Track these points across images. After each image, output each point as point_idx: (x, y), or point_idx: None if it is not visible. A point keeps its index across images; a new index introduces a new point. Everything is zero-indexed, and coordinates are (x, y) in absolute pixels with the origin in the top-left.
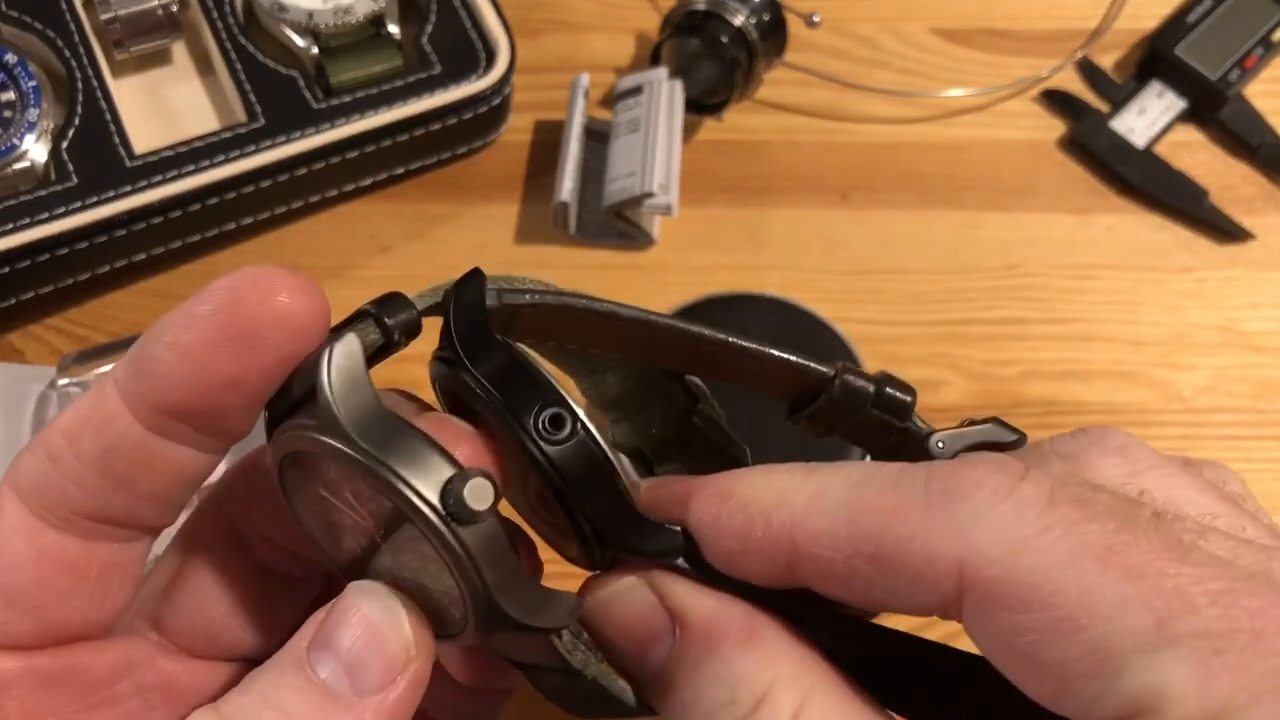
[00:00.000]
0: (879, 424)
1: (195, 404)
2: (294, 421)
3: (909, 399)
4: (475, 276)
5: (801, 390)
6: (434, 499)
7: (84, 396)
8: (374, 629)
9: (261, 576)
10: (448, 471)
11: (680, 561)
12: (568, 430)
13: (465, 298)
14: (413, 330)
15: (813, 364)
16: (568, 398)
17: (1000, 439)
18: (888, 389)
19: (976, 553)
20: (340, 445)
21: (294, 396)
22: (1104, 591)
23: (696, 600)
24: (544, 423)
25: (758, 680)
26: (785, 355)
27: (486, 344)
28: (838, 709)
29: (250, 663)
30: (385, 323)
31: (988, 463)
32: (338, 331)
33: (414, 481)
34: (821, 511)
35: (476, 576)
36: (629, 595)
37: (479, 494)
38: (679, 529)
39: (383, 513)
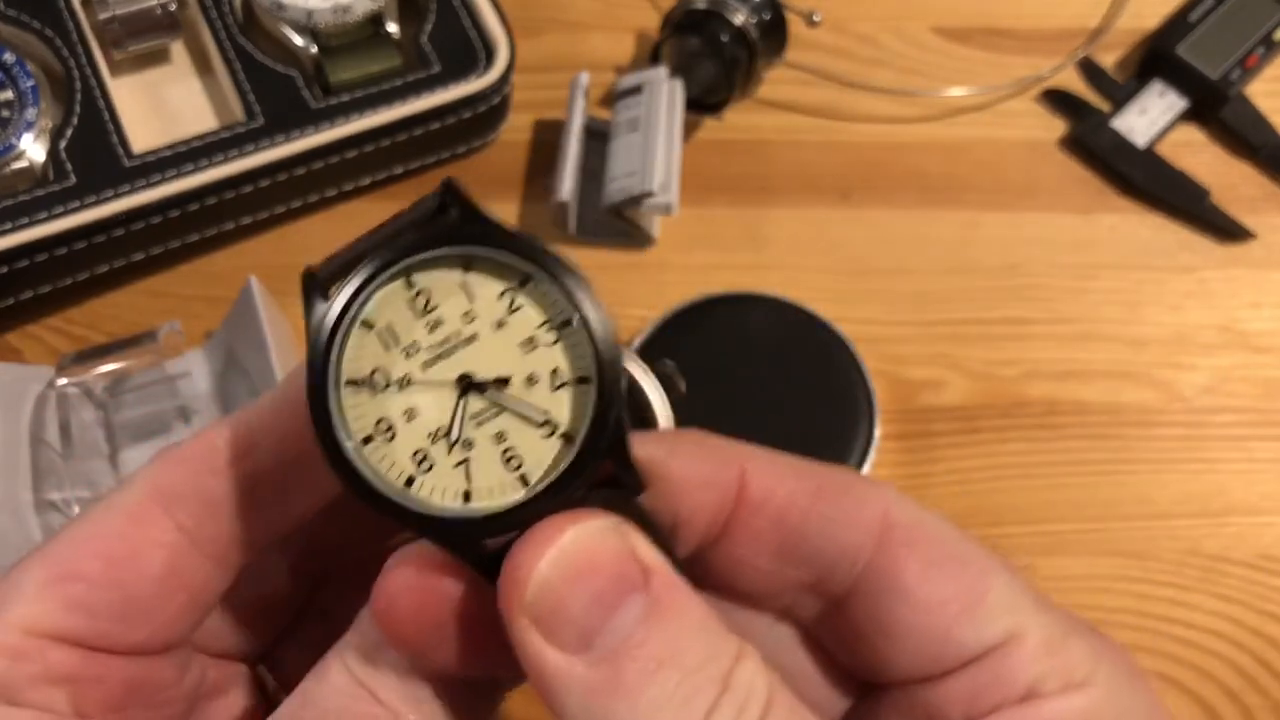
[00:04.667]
0: None
1: None
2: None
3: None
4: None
5: None
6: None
7: (245, 412)
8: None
9: (217, 568)
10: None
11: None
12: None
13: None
14: None
15: None
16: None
17: None
18: None
19: (897, 505)
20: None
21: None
22: (981, 553)
23: (659, 557)
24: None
25: (731, 640)
26: None
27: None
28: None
29: (235, 659)
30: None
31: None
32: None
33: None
34: (767, 454)
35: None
36: (611, 536)
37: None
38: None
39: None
